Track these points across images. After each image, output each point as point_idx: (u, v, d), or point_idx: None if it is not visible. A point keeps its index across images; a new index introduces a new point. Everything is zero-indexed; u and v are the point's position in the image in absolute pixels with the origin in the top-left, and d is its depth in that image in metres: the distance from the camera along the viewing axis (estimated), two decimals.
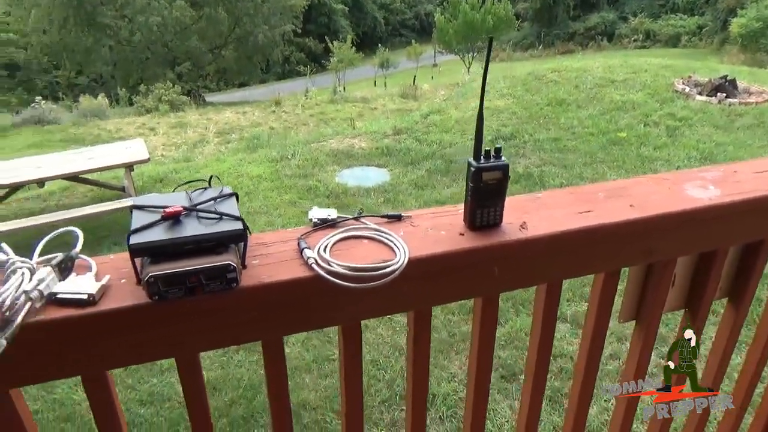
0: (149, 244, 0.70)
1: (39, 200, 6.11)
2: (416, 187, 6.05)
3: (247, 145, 8.56)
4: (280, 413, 0.95)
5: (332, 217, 0.91)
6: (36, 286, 0.69)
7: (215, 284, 0.72)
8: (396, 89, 15.78)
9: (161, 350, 0.81)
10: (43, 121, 12.03)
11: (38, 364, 0.74)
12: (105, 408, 0.83)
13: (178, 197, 0.81)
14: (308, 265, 0.80)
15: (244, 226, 0.75)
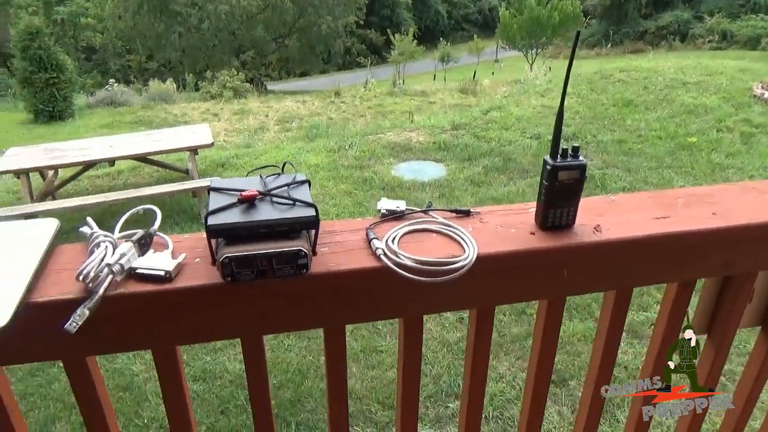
0: (225, 225, 0.72)
1: (108, 178, 6.40)
2: (472, 184, 5.98)
3: (305, 134, 8.68)
4: (339, 403, 0.96)
5: (401, 209, 0.90)
6: (118, 260, 0.71)
7: (286, 269, 0.73)
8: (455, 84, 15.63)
9: (229, 330, 0.83)
10: (115, 103, 12.57)
11: (114, 335, 0.77)
12: (173, 382, 0.86)
13: (253, 181, 0.82)
14: (376, 255, 0.80)
15: (316, 213, 0.75)
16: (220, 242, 0.74)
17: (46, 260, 0.75)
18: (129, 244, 0.74)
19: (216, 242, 0.74)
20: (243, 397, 3.06)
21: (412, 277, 0.78)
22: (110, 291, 0.71)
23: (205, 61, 21.67)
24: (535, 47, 21.16)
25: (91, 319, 0.69)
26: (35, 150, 5.40)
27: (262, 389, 0.91)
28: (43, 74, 10.36)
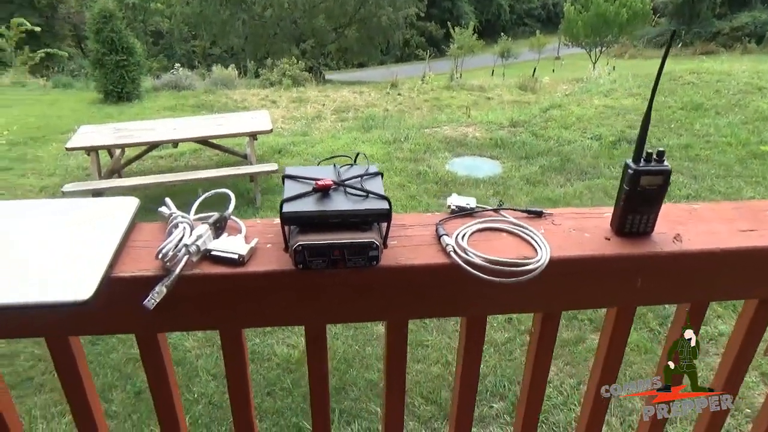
0: (300, 213, 0.72)
1: (171, 159, 6.62)
2: (528, 183, 5.87)
3: (361, 125, 8.72)
4: (396, 396, 0.95)
5: (471, 206, 0.89)
6: (194, 242, 0.73)
7: (357, 260, 0.73)
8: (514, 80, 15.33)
9: (295, 317, 0.84)
10: (179, 87, 12.97)
11: (186, 314, 0.79)
12: (237, 363, 0.88)
13: (326, 171, 0.83)
14: (446, 252, 0.79)
15: (389, 205, 0.75)
16: (292, 229, 0.75)
17: (127, 237, 0.78)
18: (205, 227, 0.76)
19: (289, 229, 0.75)
20: (289, 381, 3.12)
21: (482, 276, 0.76)
22: (186, 271, 0.73)
23: (267, 49, 22.06)
24: (600, 45, 20.49)
25: (165, 297, 0.71)
26: (105, 129, 5.64)
27: (322, 379, 0.92)
28: (114, 56, 10.78)
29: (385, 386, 0.97)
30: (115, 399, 2.98)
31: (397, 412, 0.98)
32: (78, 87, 13.31)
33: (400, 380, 0.95)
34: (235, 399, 0.92)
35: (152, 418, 2.89)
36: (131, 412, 2.92)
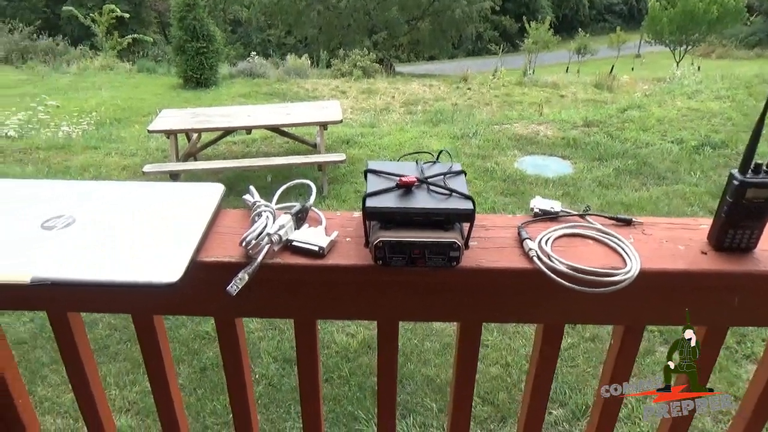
0: (384, 209, 0.72)
1: (243, 145, 6.82)
2: (600, 185, 5.66)
3: (430, 119, 8.67)
4: (464, 396, 0.94)
5: (555, 210, 0.85)
6: (277, 231, 0.74)
7: (437, 259, 0.72)
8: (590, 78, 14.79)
9: (369, 312, 0.84)
10: (254, 74, 13.33)
11: (263, 301, 0.81)
12: (309, 351, 0.89)
13: (408, 167, 0.82)
14: (528, 256, 0.76)
15: (473, 206, 0.73)
16: (373, 225, 0.74)
17: (212, 222, 0.80)
18: (288, 217, 0.77)
19: (370, 224, 0.75)
20: (347, 369, 3.15)
21: (565, 284, 0.73)
22: (267, 259, 0.74)
23: (339, 40, 22.30)
24: (686, 43, 19.42)
25: (245, 284, 0.72)
26: (184, 113, 5.88)
27: (391, 374, 0.91)
28: (195, 43, 11.20)
29: (453, 386, 0.95)
30: (182, 373, 3.11)
31: (464, 414, 0.97)
32: (160, 72, 13.94)
33: (470, 382, 0.94)
34: (304, 387, 0.93)
35: (215, 393, 3.00)
36: (196, 387, 3.05)
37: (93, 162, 6.26)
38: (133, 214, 0.80)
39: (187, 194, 0.84)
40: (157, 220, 0.79)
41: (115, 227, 0.77)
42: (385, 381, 0.92)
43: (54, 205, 0.79)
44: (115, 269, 0.69)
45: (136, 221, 0.79)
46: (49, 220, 0.76)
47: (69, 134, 7.59)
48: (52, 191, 0.85)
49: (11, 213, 0.79)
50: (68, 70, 13.73)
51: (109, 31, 15.96)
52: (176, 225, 0.77)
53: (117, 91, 11.43)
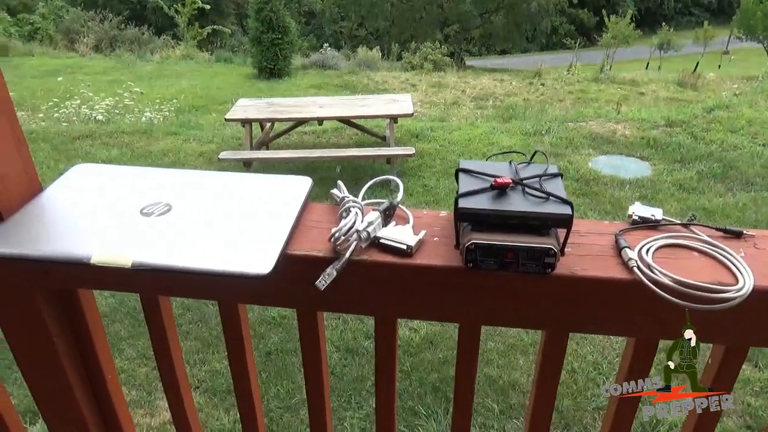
0: (478, 211, 0.70)
1: (314, 136, 6.94)
2: (680, 189, 5.37)
3: (501, 114, 8.51)
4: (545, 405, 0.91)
5: (656, 218, 0.80)
6: (366, 228, 0.73)
7: (531, 265, 0.69)
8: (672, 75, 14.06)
9: (452, 313, 0.82)
10: (325, 66, 13.53)
11: (346, 296, 0.80)
12: (389, 349, 0.88)
13: (502, 167, 0.79)
14: (628, 266, 0.72)
15: (572, 211, 0.69)
16: (464, 226, 0.72)
17: (300, 215, 0.80)
18: (377, 214, 0.76)
19: (461, 225, 0.73)
20: (409, 364, 3.15)
21: (669, 299, 0.69)
22: (354, 256, 0.73)
23: (411, 32, 22.23)
24: None
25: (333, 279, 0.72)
26: (259, 103, 6.03)
27: (470, 378, 0.89)
28: (271, 35, 11.48)
29: (533, 395, 0.92)
30: None
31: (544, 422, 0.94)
32: (236, 62, 14.38)
33: (552, 392, 0.90)
34: (381, 384, 0.93)
35: (279, 378, 3.07)
36: (261, 370, 3.13)
37: (172, 147, 6.54)
38: (226, 204, 0.82)
39: (277, 186, 0.85)
40: (249, 210, 0.80)
41: (208, 216, 0.79)
42: (464, 384, 0.91)
43: (151, 193, 0.82)
44: (208, 258, 0.70)
45: (228, 211, 0.80)
46: (147, 206, 0.78)
47: (151, 120, 7.97)
48: (149, 178, 0.88)
49: (113, 198, 0.83)
50: (152, 58, 14.42)
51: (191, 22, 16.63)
52: (267, 216, 0.78)
53: (196, 79, 11.89)
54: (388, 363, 0.90)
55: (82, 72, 12.16)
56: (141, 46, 15.89)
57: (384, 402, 0.95)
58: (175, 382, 0.99)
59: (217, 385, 3.02)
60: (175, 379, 0.99)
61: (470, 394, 0.92)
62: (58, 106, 8.15)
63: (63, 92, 9.10)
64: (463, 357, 0.87)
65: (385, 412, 0.96)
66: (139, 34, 17.26)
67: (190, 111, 9.07)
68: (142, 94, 9.55)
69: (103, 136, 6.88)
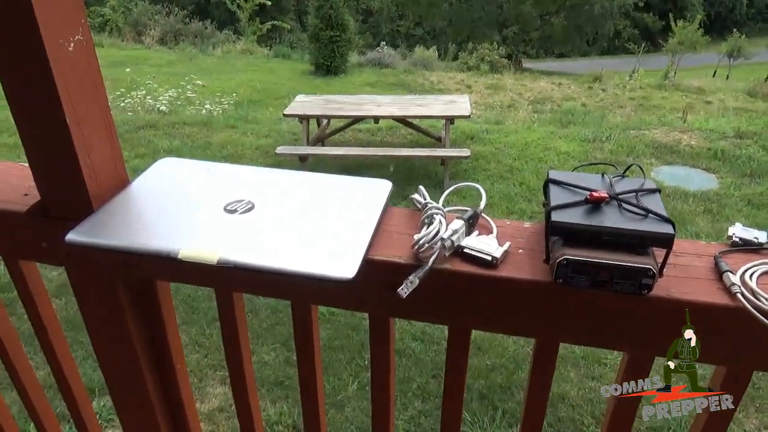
0: (572, 225, 0.67)
1: (368, 134, 6.96)
2: (749, 204, 5.12)
3: (558, 119, 8.32)
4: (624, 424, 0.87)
5: (760, 241, 0.75)
6: (450, 236, 0.72)
7: (625, 285, 0.65)
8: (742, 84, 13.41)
9: (530, 329, 0.79)
10: (381, 64, 13.57)
11: (423, 304, 0.78)
12: (460, 359, 0.86)
13: (594, 179, 0.75)
14: (729, 292, 0.68)
15: (674, 230, 0.65)
16: (555, 240, 0.69)
17: (381, 220, 0.79)
18: (461, 222, 0.74)
19: (552, 239, 0.70)
20: None
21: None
22: (437, 264, 0.72)
23: (468, 33, 22.03)
24: None
25: None
26: (317, 99, 6.10)
27: (543, 397, 0.86)
28: (329, 32, 11.60)
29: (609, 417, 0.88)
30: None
31: None
32: (294, 58, 14.61)
33: (630, 417, 0.86)
34: (449, 394, 0.91)
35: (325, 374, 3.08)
36: None
37: (230, 140, 6.70)
38: (307, 204, 0.81)
39: (357, 188, 0.84)
40: (330, 212, 0.80)
41: (290, 216, 0.79)
42: (535, 402, 0.87)
43: (234, 190, 0.83)
44: (291, 258, 0.70)
45: (310, 211, 0.80)
46: (230, 203, 0.79)
47: (211, 112, 8.19)
48: (230, 175, 0.89)
49: (197, 193, 0.84)
50: (213, 52, 14.82)
51: (252, 18, 17.00)
52: (348, 219, 0.77)
53: (254, 74, 12.14)
54: (459, 373, 0.88)
55: (147, 64, 12.61)
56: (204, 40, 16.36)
57: (451, 414, 0.93)
58: (242, 377, 1.00)
59: (265, 377, 3.07)
60: (242, 374, 1.00)
61: (541, 413, 0.89)
62: (124, 96, 8.47)
63: (129, 83, 9.46)
64: (537, 374, 0.84)
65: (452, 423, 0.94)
66: (203, 28, 17.78)
67: (248, 105, 9.26)
68: (204, 87, 9.82)
69: (165, 127, 7.11)
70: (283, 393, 2.96)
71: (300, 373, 0.97)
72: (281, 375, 3.08)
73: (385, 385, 0.93)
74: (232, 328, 0.94)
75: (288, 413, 2.81)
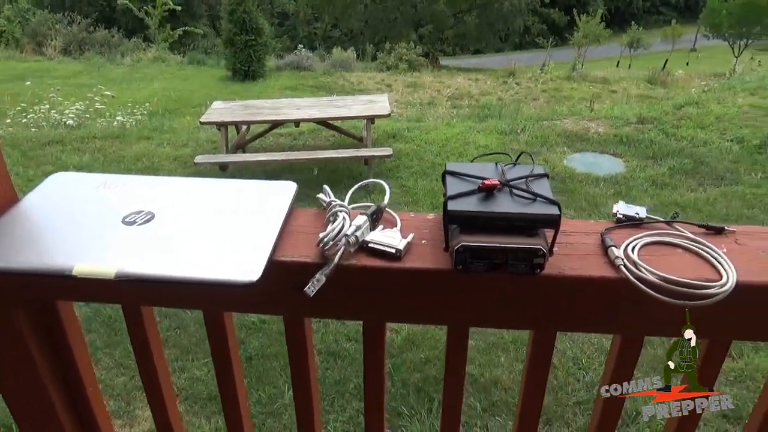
0: (466, 213, 0.69)
1: (290, 138, 6.89)
2: (653, 185, 5.48)
3: (476, 113, 8.57)
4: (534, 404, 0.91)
5: (640, 216, 0.81)
6: (354, 232, 0.73)
7: (520, 266, 0.69)
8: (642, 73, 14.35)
9: (440, 316, 0.82)
10: (300, 67, 13.48)
11: (334, 302, 0.79)
12: (376, 354, 0.88)
13: (488, 169, 0.79)
14: (614, 265, 0.73)
15: (560, 211, 0.70)
16: (453, 229, 0.72)
17: (286, 221, 0.79)
18: (364, 218, 0.75)
19: (450, 228, 0.72)
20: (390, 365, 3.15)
21: (655, 296, 0.69)
22: (343, 261, 0.73)
23: (385, 33, 22.25)
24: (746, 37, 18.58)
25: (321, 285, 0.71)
26: (235, 106, 5.97)
27: (459, 379, 0.89)
28: (244, 36, 11.39)
29: (522, 395, 0.93)
30: None
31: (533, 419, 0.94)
32: (210, 64, 14.23)
33: (540, 391, 0.90)
34: (370, 388, 0.92)
35: (260, 383, 3.04)
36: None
37: (146, 152, 6.44)
38: (210, 211, 0.80)
39: (262, 191, 0.84)
40: (234, 217, 0.79)
41: (192, 224, 0.77)
42: (453, 385, 0.90)
43: (133, 201, 0.80)
44: (194, 266, 0.69)
45: (213, 218, 0.79)
46: (129, 215, 0.76)
47: (123, 124, 7.84)
48: (130, 186, 0.86)
49: (93, 207, 0.81)
50: (122, 61, 14.18)
51: (162, 24, 16.39)
52: (252, 223, 0.77)
53: (168, 82, 11.72)
54: (377, 367, 0.90)
55: (50, 76, 11.89)
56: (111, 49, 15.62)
57: (373, 406, 0.95)
58: (159, 394, 0.97)
59: (198, 392, 2.98)
60: (159, 391, 0.97)
61: (459, 396, 0.92)
62: (26, 111, 7.95)
63: (31, 97, 8.89)
64: (451, 359, 0.87)
65: (375, 415, 0.96)
66: (109, 36, 16.96)
67: (164, 114, 8.94)
68: (114, 97, 9.38)
69: (73, 142, 6.74)
70: (217, 408, 2.88)
71: (219, 384, 0.95)
72: (215, 390, 3.00)
73: (307, 384, 0.93)
74: (143, 344, 0.91)
75: (224, 428, 2.74)
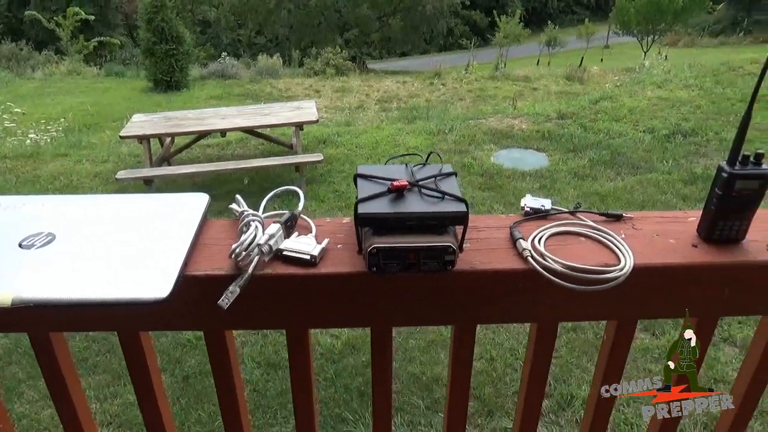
0: (376, 215, 0.70)
1: (218, 148, 6.73)
2: (576, 177, 5.73)
3: (405, 115, 8.67)
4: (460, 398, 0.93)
5: (546, 208, 0.85)
6: (267, 241, 0.72)
7: (432, 263, 0.71)
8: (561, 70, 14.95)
9: (362, 319, 0.83)
10: (225, 76, 13.17)
11: (255, 312, 0.79)
12: (302, 362, 0.87)
13: (399, 170, 0.80)
14: (522, 256, 0.76)
15: (467, 208, 0.72)
16: (366, 231, 0.73)
17: (198, 234, 0.77)
18: (277, 226, 0.75)
19: (362, 230, 0.73)
20: (332, 371, 3.14)
21: (561, 283, 0.73)
22: (258, 270, 0.72)
23: (311, 38, 22.15)
24: (653, 33, 19.76)
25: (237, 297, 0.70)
26: (156, 118, 5.77)
27: (386, 378, 0.90)
28: (164, 45, 11.01)
29: (449, 389, 0.95)
30: (165, 382, 3.05)
31: (460, 414, 0.96)
32: (129, 75, 13.67)
33: (466, 384, 0.93)
34: (298, 396, 0.92)
35: (199, 402, 2.95)
36: (179, 396, 2.99)
37: (63, 170, 6.11)
38: (116, 228, 0.77)
39: (171, 205, 0.81)
40: (141, 233, 0.76)
41: (97, 242, 0.74)
42: (380, 387, 0.91)
43: (31, 222, 0.76)
44: (100, 287, 0.66)
45: (120, 235, 0.76)
46: (27, 238, 0.72)
47: (37, 142, 7.40)
48: (27, 207, 0.81)
49: None
50: (33, 75, 13.40)
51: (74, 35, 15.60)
52: (161, 238, 0.75)
53: (85, 96, 11.18)
54: (305, 375, 0.89)
55: None
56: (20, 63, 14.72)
57: (304, 416, 0.94)
58: (77, 426, 0.93)
59: (132, 418, 2.86)
60: (77, 423, 0.93)
61: (388, 396, 0.93)
62: None
63: None
64: (378, 360, 0.88)
65: (307, 425, 0.95)
66: (17, 49, 15.97)
67: (81, 130, 8.50)
68: (24, 114, 8.85)
69: None
70: None
71: (141, 408, 0.92)
72: None
73: (233, 398, 0.91)
74: (55, 374, 0.87)
75: None
